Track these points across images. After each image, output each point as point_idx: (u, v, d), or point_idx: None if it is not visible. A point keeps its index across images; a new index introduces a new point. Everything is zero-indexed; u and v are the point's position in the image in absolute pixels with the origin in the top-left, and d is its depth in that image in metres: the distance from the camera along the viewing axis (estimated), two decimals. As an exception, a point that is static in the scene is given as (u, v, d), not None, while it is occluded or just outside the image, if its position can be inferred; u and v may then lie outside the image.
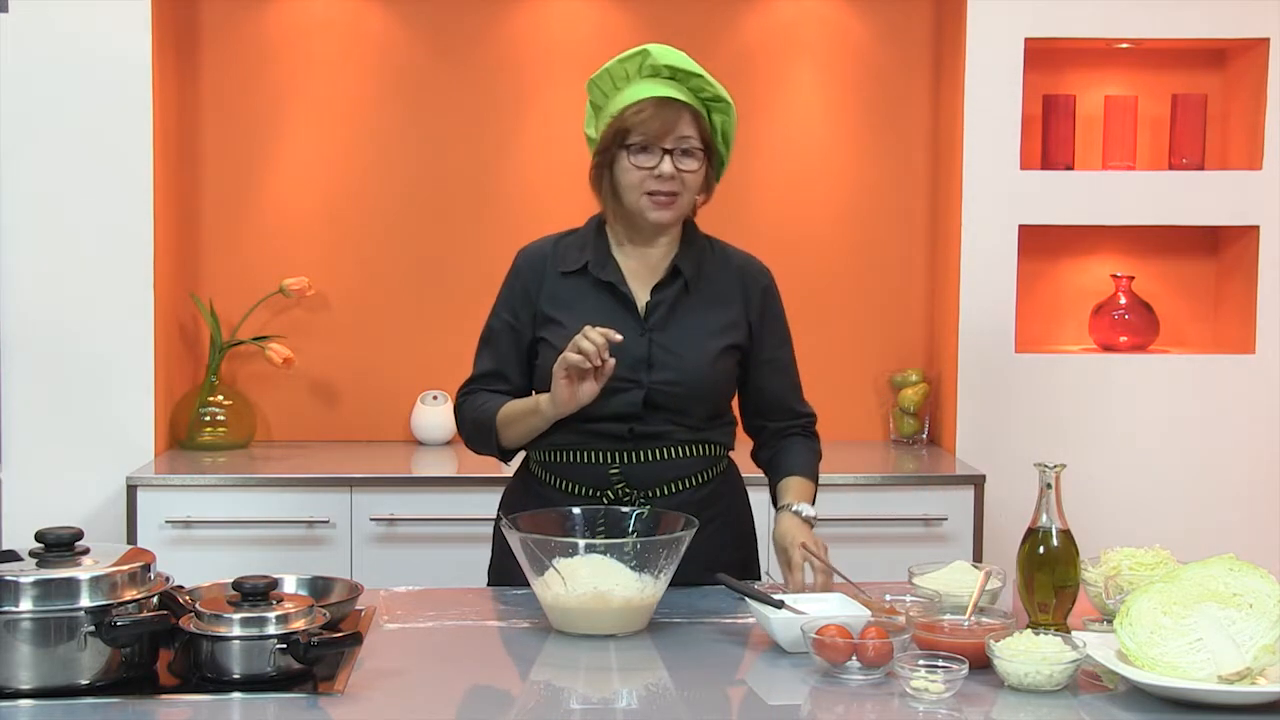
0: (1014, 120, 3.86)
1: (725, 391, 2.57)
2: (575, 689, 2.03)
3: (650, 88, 2.45)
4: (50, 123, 3.66)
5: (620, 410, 2.44)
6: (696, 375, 2.47)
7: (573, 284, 2.52)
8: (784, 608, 2.15)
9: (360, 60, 4.06)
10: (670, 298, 2.51)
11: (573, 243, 2.57)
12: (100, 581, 1.92)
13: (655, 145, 2.42)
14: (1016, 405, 3.88)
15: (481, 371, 2.59)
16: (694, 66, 2.47)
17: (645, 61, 2.46)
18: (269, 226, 4.07)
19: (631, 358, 2.44)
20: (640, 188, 2.44)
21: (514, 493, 2.62)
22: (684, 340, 2.48)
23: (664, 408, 2.46)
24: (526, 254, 2.59)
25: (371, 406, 4.10)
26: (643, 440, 2.47)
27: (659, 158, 2.42)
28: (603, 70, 2.50)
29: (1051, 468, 2.18)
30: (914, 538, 3.62)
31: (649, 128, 2.42)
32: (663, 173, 2.42)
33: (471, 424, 2.57)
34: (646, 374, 2.46)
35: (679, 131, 2.42)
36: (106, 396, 3.70)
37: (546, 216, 4.08)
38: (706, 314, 2.52)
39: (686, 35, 4.05)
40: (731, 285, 2.56)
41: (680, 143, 2.43)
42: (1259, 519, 3.87)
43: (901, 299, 4.17)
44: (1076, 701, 1.92)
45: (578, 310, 2.48)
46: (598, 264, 2.51)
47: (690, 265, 2.52)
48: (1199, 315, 4.14)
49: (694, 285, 2.52)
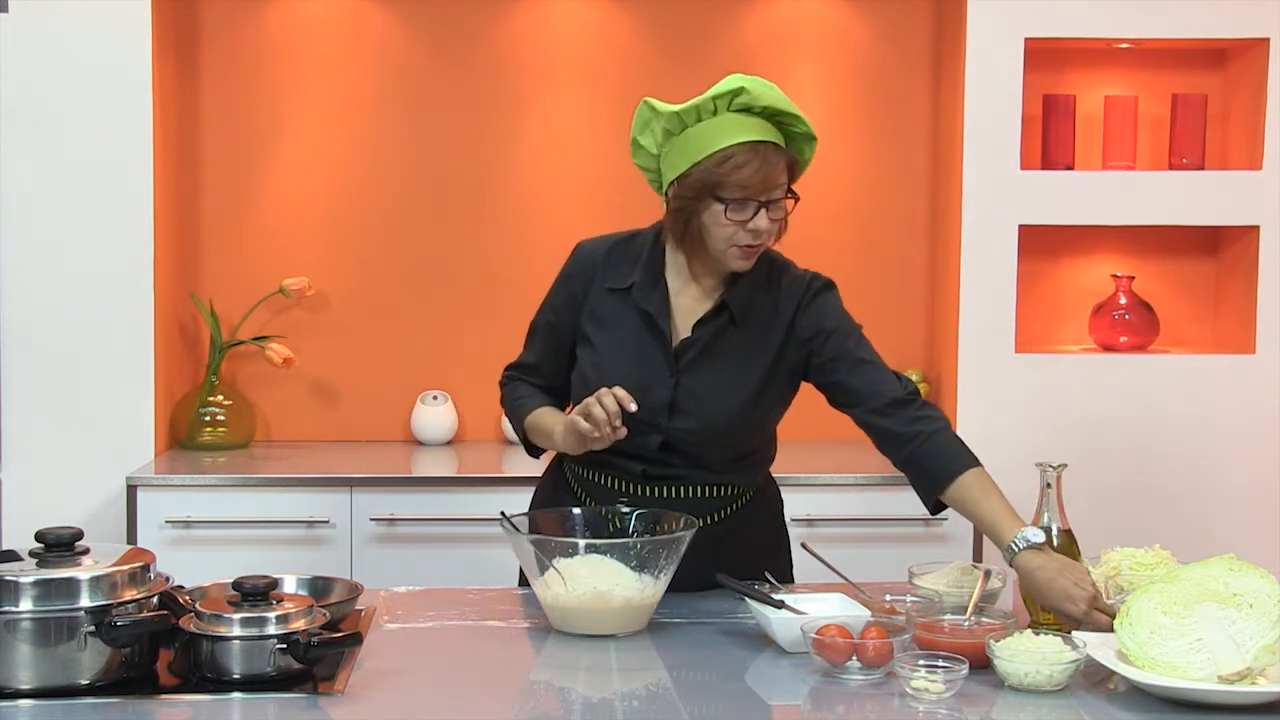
0: (1014, 120, 3.85)
1: (754, 434, 2.45)
2: (575, 689, 2.03)
3: (741, 130, 2.28)
4: (50, 123, 3.65)
5: (635, 451, 2.38)
6: (718, 425, 2.38)
7: (616, 302, 2.42)
8: (784, 608, 2.15)
9: (360, 60, 4.06)
10: (708, 335, 2.39)
11: (627, 254, 2.45)
12: (100, 581, 1.92)
13: (752, 200, 2.28)
14: (1016, 405, 3.88)
15: (523, 361, 2.58)
16: (791, 106, 2.32)
17: (738, 99, 2.29)
18: (269, 226, 4.07)
19: (656, 400, 2.36)
20: (731, 240, 2.30)
21: (544, 490, 2.61)
22: (713, 387, 2.38)
23: (681, 452, 2.40)
24: (581, 257, 2.48)
25: (371, 406, 4.10)
26: (656, 480, 2.41)
27: (754, 212, 2.28)
28: (690, 105, 2.31)
29: (1054, 468, 2.18)
30: (914, 538, 3.62)
31: (749, 183, 2.26)
32: (758, 228, 2.29)
33: (510, 414, 2.57)
34: (667, 419, 2.37)
35: (776, 183, 2.29)
36: (106, 396, 3.69)
37: (546, 217, 4.09)
38: (745, 353, 2.40)
39: (686, 35, 4.06)
40: (773, 314, 2.42)
41: (774, 194, 2.30)
42: (1259, 519, 3.87)
43: (901, 299, 4.17)
44: (1076, 701, 1.92)
45: (611, 335, 2.41)
46: (644, 289, 2.40)
47: (739, 300, 2.39)
48: (1199, 315, 4.14)
49: (740, 321, 2.40)
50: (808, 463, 3.70)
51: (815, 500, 3.58)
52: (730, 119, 2.30)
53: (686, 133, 2.32)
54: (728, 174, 2.27)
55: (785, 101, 2.32)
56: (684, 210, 2.33)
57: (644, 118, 2.38)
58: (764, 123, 2.31)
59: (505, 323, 4.06)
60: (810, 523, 3.54)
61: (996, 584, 2.27)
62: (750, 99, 2.29)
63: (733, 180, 2.27)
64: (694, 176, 2.30)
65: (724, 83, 2.31)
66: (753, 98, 2.29)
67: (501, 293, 4.07)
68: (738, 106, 2.30)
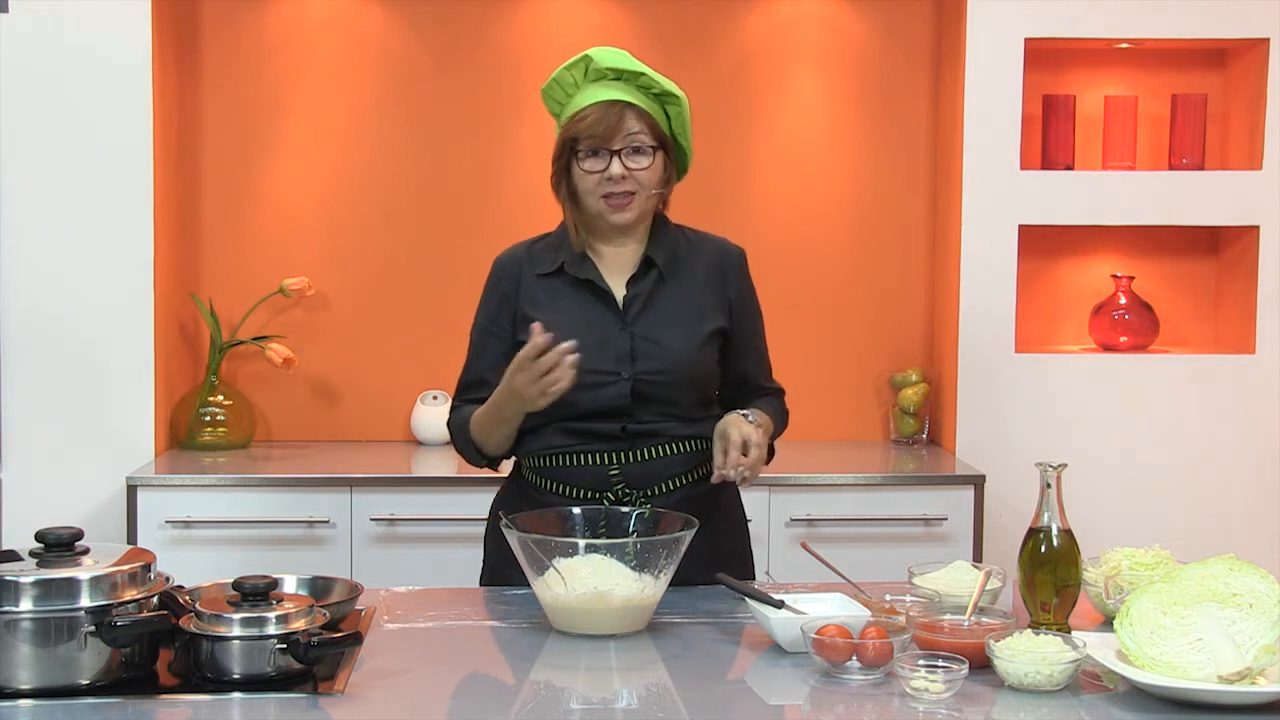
0: (1014, 120, 3.86)
1: (712, 377, 2.58)
2: (575, 689, 2.03)
3: (596, 92, 2.47)
4: (50, 123, 3.65)
5: (608, 405, 2.46)
6: (680, 362, 2.49)
7: (550, 285, 2.54)
8: (784, 608, 2.15)
9: (360, 60, 4.06)
10: (646, 289, 2.52)
11: (546, 245, 2.60)
12: (100, 581, 1.92)
13: (603, 148, 2.44)
14: (1016, 405, 3.88)
15: (465, 383, 2.62)
16: (637, 65, 2.47)
17: (590, 66, 2.48)
18: (269, 226, 4.07)
19: (615, 352, 2.47)
20: (596, 191, 2.47)
21: (508, 498, 2.60)
22: (665, 329, 2.50)
23: (652, 399, 2.47)
24: (502, 261, 2.62)
25: (371, 406, 4.10)
26: (636, 439, 2.47)
27: (608, 160, 2.44)
28: (550, 80, 2.52)
29: (1054, 467, 2.18)
30: (914, 538, 3.62)
31: (594, 131, 2.43)
32: (613, 174, 2.45)
33: (458, 440, 2.59)
34: (630, 366, 2.47)
35: (625, 131, 2.44)
36: (106, 396, 3.70)
37: (546, 216, 4.04)
38: (686, 301, 2.53)
39: (687, 36, 4.06)
40: (709, 270, 2.57)
41: (628, 141, 2.44)
42: (1259, 519, 3.87)
43: (901, 299, 4.17)
44: (1077, 701, 1.92)
45: (558, 308, 2.49)
46: (573, 263, 2.53)
47: (663, 255, 2.54)
48: (1199, 315, 4.14)
49: (669, 274, 2.54)
50: (808, 463, 3.70)
51: (815, 500, 3.58)
52: (587, 87, 2.49)
53: (561, 110, 2.53)
54: (576, 128, 2.46)
55: (631, 61, 2.48)
56: (557, 174, 2.52)
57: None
58: (623, 86, 2.47)
59: (505, 323, 4.08)
60: (810, 523, 3.54)
61: (996, 584, 2.27)
62: (595, 65, 2.47)
63: (580, 131, 2.45)
64: (560, 139, 2.50)
65: (575, 56, 2.50)
66: (596, 62, 2.47)
67: (501, 293, 4.07)
68: (591, 75, 2.49)
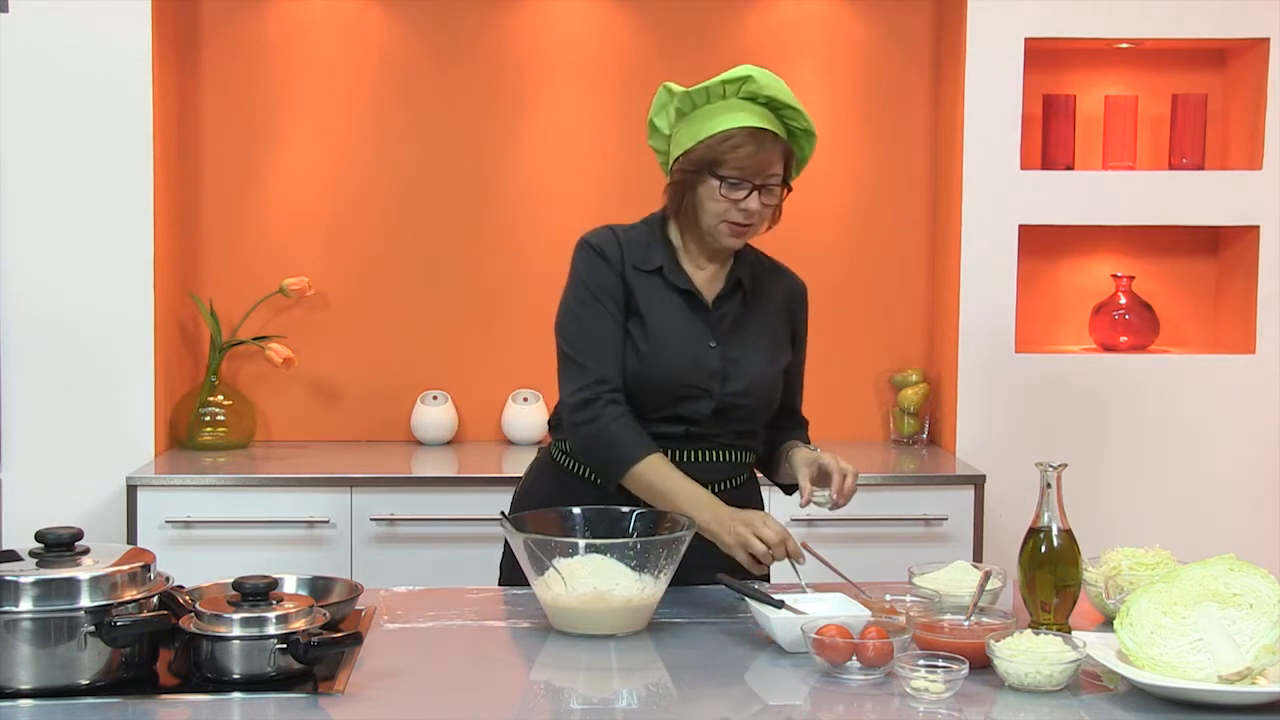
0: (1014, 120, 3.86)
1: (777, 400, 2.61)
2: (575, 689, 2.03)
3: (741, 115, 2.42)
4: (50, 123, 3.65)
5: (686, 415, 2.48)
6: (762, 386, 2.52)
7: (648, 283, 2.50)
8: (784, 608, 2.15)
9: (360, 60, 4.06)
10: (735, 310, 2.53)
11: (637, 240, 2.53)
12: (100, 581, 1.91)
13: (746, 181, 2.42)
14: (1016, 405, 3.88)
15: (600, 375, 2.44)
16: (793, 99, 2.45)
17: (745, 86, 2.43)
18: (269, 226, 4.07)
19: (707, 369, 2.47)
20: (722, 216, 2.44)
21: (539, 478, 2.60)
22: (750, 351, 2.52)
23: (731, 418, 2.50)
24: (599, 242, 2.51)
25: (371, 406, 4.10)
26: (693, 440, 2.49)
27: (747, 192, 2.42)
28: (699, 86, 2.45)
29: (1054, 467, 2.18)
30: (914, 538, 3.62)
31: (745, 164, 2.40)
32: (748, 209, 2.43)
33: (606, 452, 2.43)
34: (720, 385, 2.48)
35: (771, 169, 2.43)
36: (106, 396, 3.70)
37: (546, 216, 4.09)
38: (767, 327, 2.56)
39: (687, 35, 4.06)
40: (782, 299, 2.61)
41: (769, 179, 2.43)
42: (1259, 519, 3.87)
43: (901, 299, 4.18)
44: (1077, 701, 1.92)
45: (657, 313, 2.48)
46: (671, 269, 2.50)
47: (748, 278, 2.55)
48: (1199, 315, 4.14)
49: (751, 298, 2.55)
50: (808, 463, 3.69)
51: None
52: (736, 104, 2.44)
53: (695, 113, 2.47)
54: (726, 153, 2.41)
55: (788, 94, 2.45)
56: (683, 184, 2.47)
57: (661, 101, 2.52)
58: (766, 112, 2.45)
59: (505, 322, 4.08)
60: (810, 523, 3.54)
61: (996, 584, 2.27)
62: (756, 88, 2.43)
63: (730, 159, 2.41)
64: (696, 153, 2.44)
65: (734, 70, 2.45)
66: (758, 86, 2.43)
67: (501, 292, 4.07)
68: (744, 94, 2.44)
